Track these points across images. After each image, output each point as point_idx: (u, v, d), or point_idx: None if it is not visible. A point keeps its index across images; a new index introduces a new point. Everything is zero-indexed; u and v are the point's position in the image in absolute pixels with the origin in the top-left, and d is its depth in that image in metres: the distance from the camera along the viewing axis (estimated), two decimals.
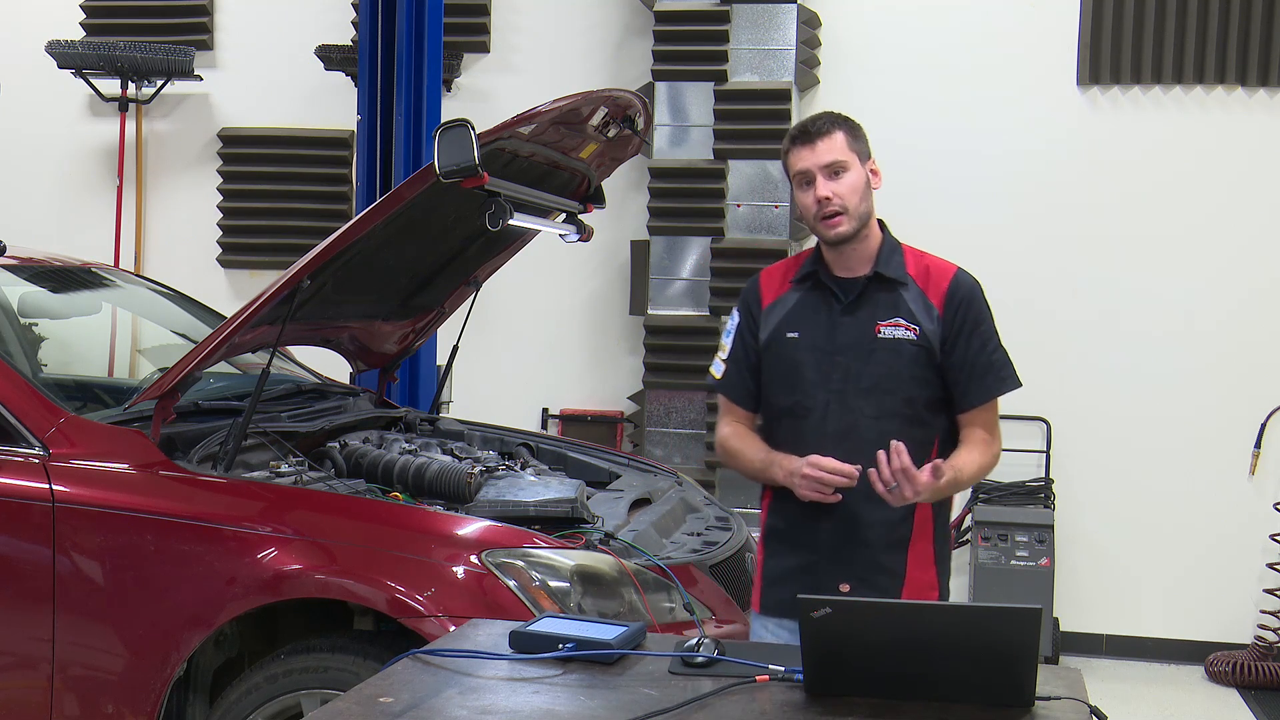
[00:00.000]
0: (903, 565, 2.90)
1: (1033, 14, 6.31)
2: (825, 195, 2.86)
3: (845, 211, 2.87)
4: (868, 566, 2.89)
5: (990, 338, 2.97)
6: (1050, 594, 5.95)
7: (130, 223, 7.08)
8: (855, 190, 2.88)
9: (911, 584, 2.90)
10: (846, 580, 2.89)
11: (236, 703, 3.25)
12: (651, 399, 6.31)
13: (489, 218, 3.48)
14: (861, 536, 2.89)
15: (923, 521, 2.92)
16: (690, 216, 6.29)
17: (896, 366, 2.90)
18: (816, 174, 2.87)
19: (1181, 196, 6.20)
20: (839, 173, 2.87)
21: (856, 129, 2.93)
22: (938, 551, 2.95)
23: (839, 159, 2.87)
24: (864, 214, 2.91)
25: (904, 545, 2.91)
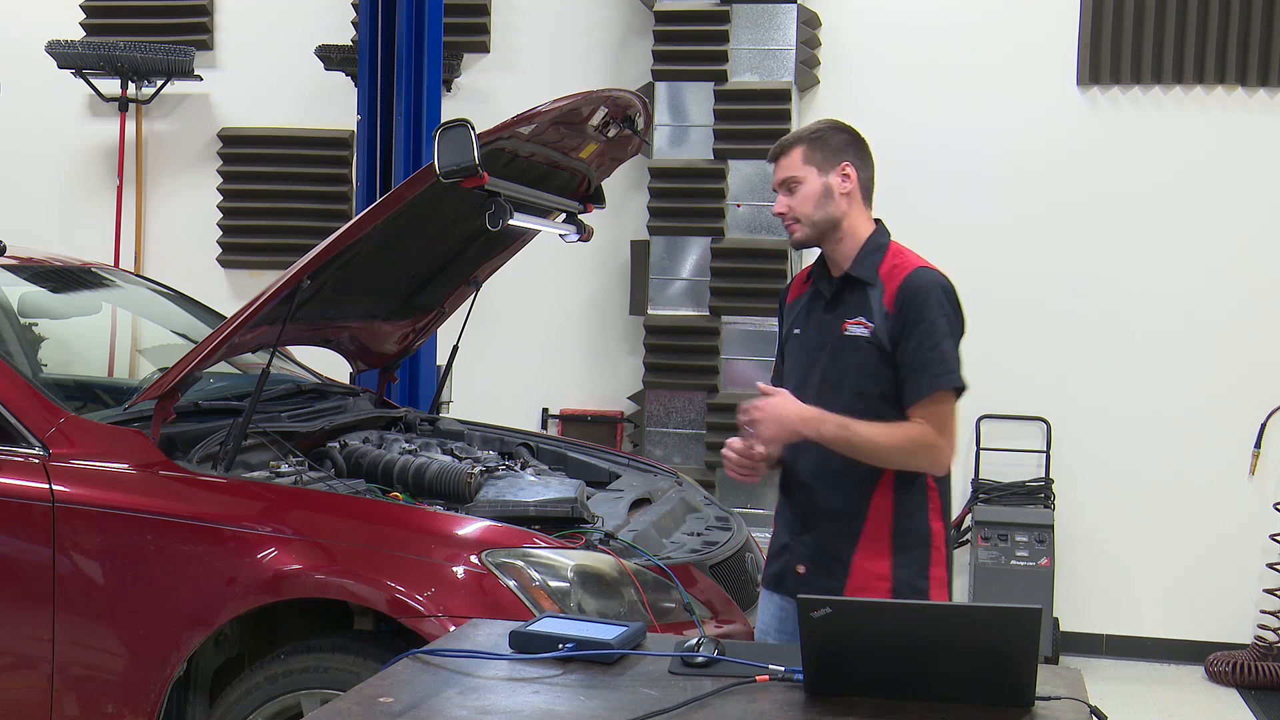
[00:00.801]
0: (850, 554, 3.00)
1: (1033, 14, 6.31)
2: (779, 211, 3.12)
3: (799, 221, 3.08)
4: (820, 551, 3.03)
5: (930, 336, 2.98)
6: (1050, 594, 5.95)
7: (130, 223, 7.08)
8: (809, 201, 3.07)
9: (858, 573, 2.99)
10: (804, 563, 3.05)
11: (236, 703, 3.25)
12: (651, 399, 6.31)
13: (489, 218, 3.48)
14: (815, 523, 3.04)
15: (879, 514, 2.99)
16: (690, 216, 6.29)
17: (853, 363, 3.03)
18: (779, 190, 3.12)
19: (1181, 196, 6.20)
20: (793, 188, 3.08)
21: (820, 140, 3.10)
22: (896, 546, 3.00)
23: (792, 175, 3.08)
24: (821, 220, 3.08)
25: (855, 535, 3.00)
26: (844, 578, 2.99)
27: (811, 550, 3.04)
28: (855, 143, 3.15)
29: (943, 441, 2.96)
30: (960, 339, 3.03)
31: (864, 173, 3.14)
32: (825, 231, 3.09)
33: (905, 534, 3.00)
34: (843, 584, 2.98)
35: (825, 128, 3.13)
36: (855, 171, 3.10)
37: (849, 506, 3.00)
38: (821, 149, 3.09)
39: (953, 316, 3.02)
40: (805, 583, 3.01)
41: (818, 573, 3.02)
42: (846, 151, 3.10)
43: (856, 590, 2.97)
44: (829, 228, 3.09)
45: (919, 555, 3.01)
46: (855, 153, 3.13)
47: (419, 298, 4.44)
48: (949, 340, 2.99)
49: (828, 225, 3.08)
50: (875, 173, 3.22)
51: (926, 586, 3.00)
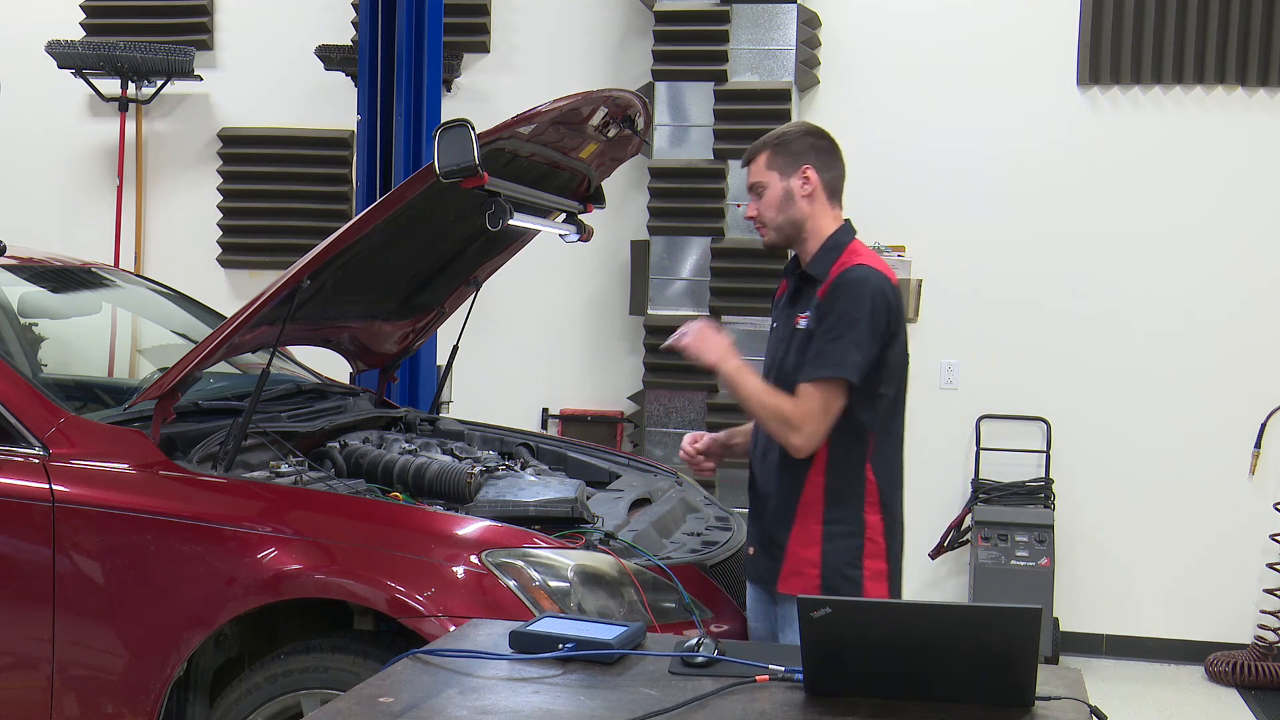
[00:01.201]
0: (785, 538, 3.17)
1: (1033, 14, 6.32)
2: (748, 216, 3.30)
3: (765, 225, 3.25)
4: (764, 535, 3.24)
5: (835, 328, 3.07)
6: (1050, 594, 5.95)
7: (130, 223, 7.08)
8: (771, 205, 3.22)
9: (791, 557, 3.16)
10: (753, 545, 3.28)
11: (236, 703, 3.24)
12: (651, 399, 6.31)
13: (489, 218, 3.47)
14: (760, 508, 3.26)
15: (810, 502, 3.14)
16: (690, 216, 6.29)
17: (794, 355, 3.17)
18: (749, 194, 3.29)
19: (1181, 196, 6.20)
20: (760, 193, 3.24)
21: (783, 145, 3.22)
22: (826, 534, 3.12)
23: (757, 180, 3.24)
24: (784, 223, 3.22)
25: (789, 521, 3.16)
26: (780, 560, 3.18)
27: (758, 533, 3.27)
28: (818, 145, 3.23)
29: (800, 424, 3.06)
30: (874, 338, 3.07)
31: (827, 174, 3.23)
32: (790, 233, 3.23)
33: (835, 522, 3.13)
34: (779, 566, 3.17)
35: (789, 132, 3.25)
36: (816, 174, 3.20)
37: (785, 492, 3.18)
38: (784, 154, 3.21)
39: (869, 311, 3.07)
40: (754, 564, 3.28)
41: (762, 555, 3.25)
42: (808, 155, 3.21)
43: (790, 574, 3.15)
44: (793, 229, 3.22)
45: (851, 545, 3.12)
46: (817, 155, 3.22)
47: (419, 298, 4.44)
48: (851, 336, 3.05)
49: (791, 227, 3.22)
50: (844, 172, 3.30)
51: (860, 576, 3.11)
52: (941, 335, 6.36)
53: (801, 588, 3.09)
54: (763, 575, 3.24)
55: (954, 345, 6.39)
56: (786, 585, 3.15)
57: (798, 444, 3.09)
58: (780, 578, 3.17)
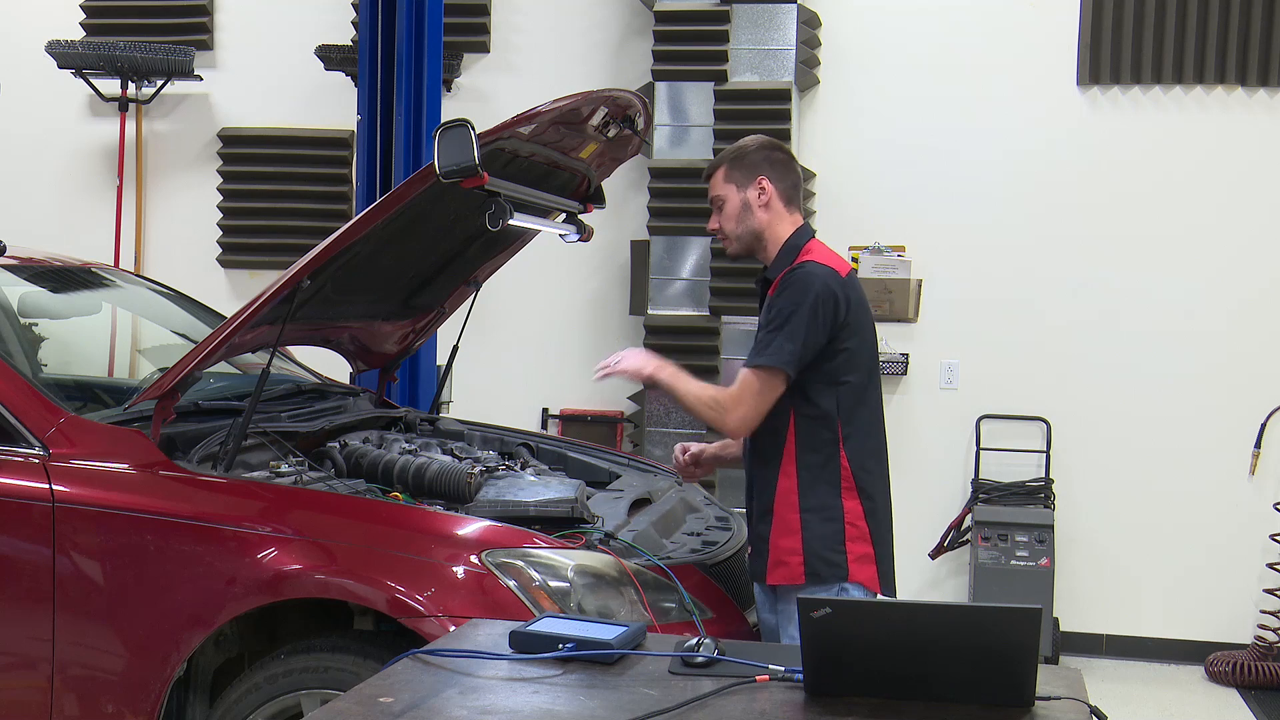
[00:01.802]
0: (768, 531, 3.28)
1: (1033, 14, 6.32)
2: (711, 228, 3.43)
3: (727, 237, 3.39)
4: (753, 533, 3.36)
5: (772, 322, 3.22)
6: (1050, 594, 5.95)
7: (130, 223, 7.08)
8: (730, 218, 3.36)
9: (775, 549, 3.27)
10: (750, 544, 3.39)
11: (236, 703, 3.24)
12: (651, 399, 6.31)
13: (489, 218, 3.47)
14: (749, 507, 3.39)
15: (785, 492, 3.25)
16: (690, 216, 6.28)
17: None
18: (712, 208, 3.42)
19: (1182, 196, 6.20)
20: (720, 207, 3.38)
21: (738, 158, 3.36)
22: (804, 522, 3.23)
23: (716, 194, 3.39)
24: (744, 234, 3.36)
25: (769, 514, 3.28)
26: (766, 555, 3.29)
27: (750, 533, 3.38)
28: (772, 157, 3.36)
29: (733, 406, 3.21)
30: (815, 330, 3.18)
31: (782, 183, 3.36)
32: (749, 242, 3.37)
33: (811, 510, 3.23)
34: (765, 561, 3.28)
35: (745, 145, 3.39)
36: (771, 184, 3.33)
37: (762, 487, 3.30)
38: (739, 167, 3.35)
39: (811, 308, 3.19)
40: (751, 562, 3.38)
41: (754, 554, 3.35)
42: (761, 166, 3.34)
43: (775, 565, 3.26)
44: (752, 239, 3.36)
45: (830, 530, 3.22)
46: (771, 166, 3.35)
47: (419, 298, 4.44)
48: (789, 325, 3.18)
49: (750, 236, 3.36)
50: (800, 180, 3.45)
51: (844, 560, 3.22)
52: (941, 335, 6.37)
53: (786, 577, 3.21)
54: (754, 572, 3.36)
55: (954, 345, 6.39)
56: (774, 576, 3.26)
57: (731, 426, 3.26)
58: (767, 570, 3.28)
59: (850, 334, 3.25)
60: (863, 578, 3.22)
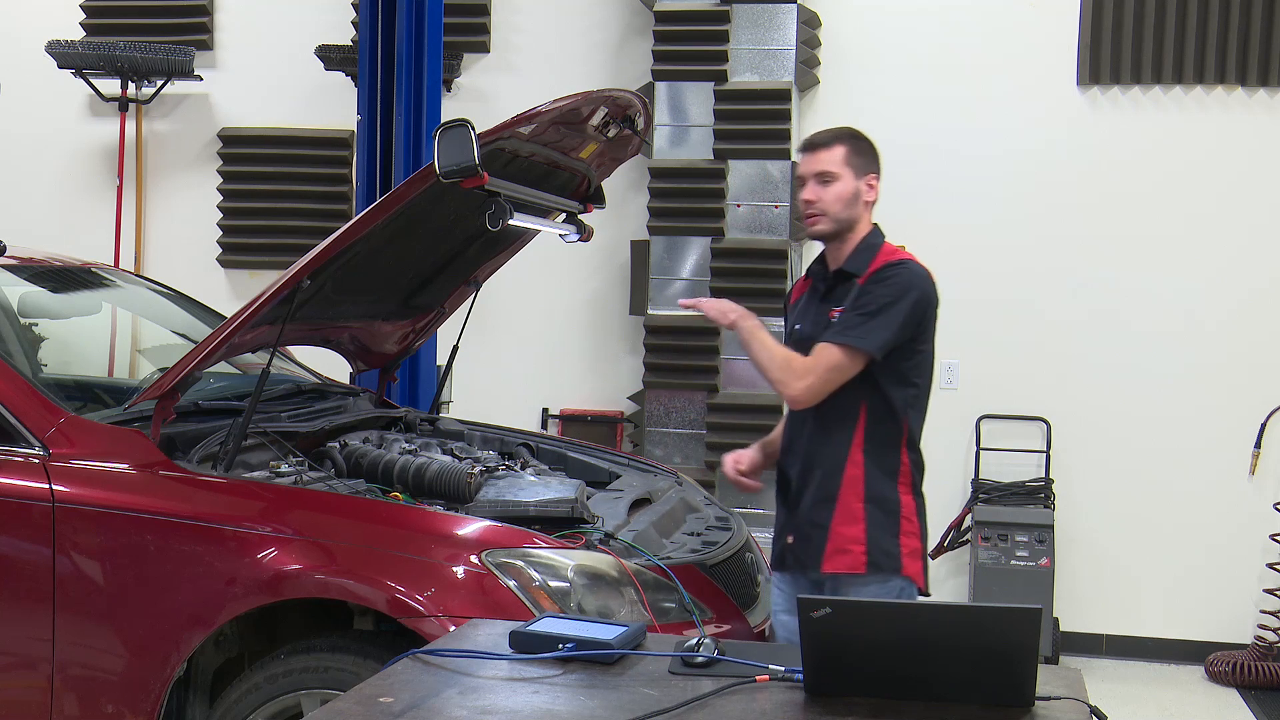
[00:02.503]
0: (828, 519, 3.25)
1: (1033, 14, 6.32)
2: (808, 199, 3.29)
3: (824, 214, 3.28)
4: (805, 521, 3.30)
5: (866, 307, 3.21)
6: (1050, 594, 5.95)
7: (130, 223, 7.08)
8: (840, 199, 3.28)
9: (835, 537, 3.24)
10: (791, 533, 3.34)
11: (236, 703, 3.25)
12: (651, 399, 6.31)
13: (489, 218, 3.48)
14: (800, 496, 3.32)
15: (851, 482, 3.25)
16: (690, 216, 6.29)
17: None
18: (808, 179, 3.29)
19: (1181, 196, 6.20)
20: (828, 181, 3.27)
21: (863, 148, 3.32)
22: (867, 511, 3.23)
23: (829, 170, 3.27)
24: (845, 219, 3.29)
25: (831, 501, 3.25)
26: (823, 543, 3.25)
27: (798, 521, 3.31)
28: (878, 158, 3.38)
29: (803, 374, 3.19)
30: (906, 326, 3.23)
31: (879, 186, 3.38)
32: (841, 231, 3.30)
33: (874, 501, 3.24)
34: (822, 549, 3.25)
35: (862, 135, 3.35)
36: (878, 184, 3.35)
37: (826, 474, 3.27)
38: (861, 155, 3.31)
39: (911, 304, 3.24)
40: (793, 551, 3.33)
41: (801, 541, 3.30)
42: (875, 164, 3.36)
43: (835, 553, 3.24)
44: (845, 228, 3.30)
45: (890, 522, 3.25)
46: (878, 167, 3.37)
47: (419, 298, 4.44)
48: (883, 316, 3.19)
49: (845, 226, 3.30)
50: None
51: (899, 552, 3.24)
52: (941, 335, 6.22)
53: (847, 565, 3.22)
54: (802, 560, 3.30)
55: (954, 345, 6.35)
56: (831, 564, 3.24)
57: (796, 391, 3.21)
58: (824, 557, 3.25)
59: (927, 340, 3.34)
60: (912, 572, 3.26)
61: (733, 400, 6.22)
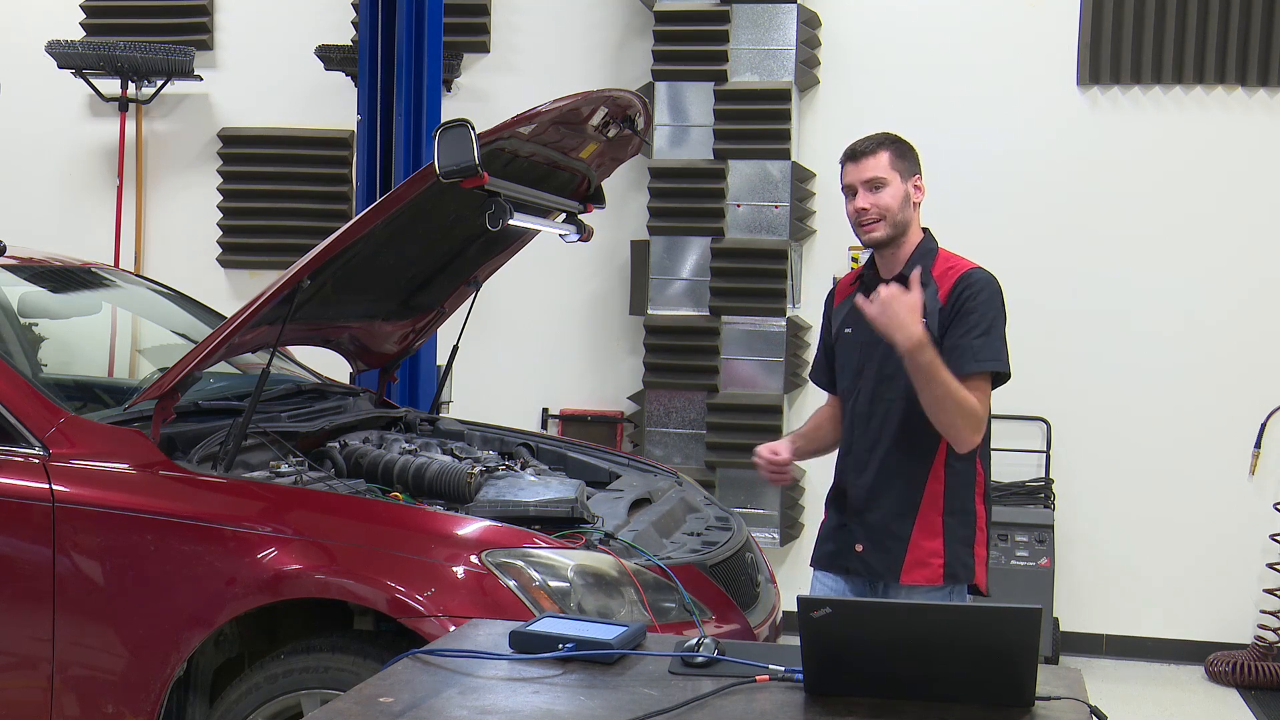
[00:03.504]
0: (909, 532, 3.24)
1: (1033, 14, 6.31)
2: (863, 206, 3.27)
3: (882, 219, 3.27)
4: (880, 531, 3.27)
5: (979, 325, 3.21)
6: (1050, 594, 5.95)
7: (130, 223, 7.08)
8: (895, 201, 3.27)
9: (915, 549, 3.23)
10: (862, 542, 3.29)
11: (236, 703, 3.25)
12: (651, 399, 6.31)
13: (489, 218, 3.48)
14: (877, 505, 3.27)
15: (932, 496, 3.24)
16: (690, 216, 6.29)
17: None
18: (859, 188, 3.28)
19: (1181, 196, 6.20)
20: (878, 187, 3.27)
21: (903, 149, 3.32)
22: (946, 525, 3.24)
23: (878, 175, 3.27)
24: (900, 222, 3.29)
25: (912, 514, 3.23)
26: (901, 554, 3.24)
27: (871, 529, 3.28)
28: (919, 159, 3.39)
29: (982, 418, 3.21)
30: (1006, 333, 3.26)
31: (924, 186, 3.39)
32: (897, 235, 3.30)
33: (954, 513, 3.25)
34: (900, 560, 3.23)
35: (903, 139, 3.34)
36: (923, 185, 3.36)
37: (906, 486, 3.24)
38: (905, 158, 3.32)
39: (1002, 310, 3.27)
40: (863, 560, 3.29)
41: (875, 550, 3.27)
42: (918, 165, 3.36)
43: (914, 565, 3.23)
44: (900, 231, 3.30)
45: (967, 534, 3.27)
46: (920, 168, 3.38)
47: (419, 298, 4.44)
48: (997, 329, 3.23)
49: (900, 229, 3.30)
50: None
51: (973, 563, 3.28)
52: None
53: (926, 578, 3.23)
54: (876, 570, 3.28)
55: None
56: (911, 577, 3.24)
57: (973, 440, 3.20)
58: (903, 569, 3.24)
59: None
60: (980, 579, 3.32)
61: (733, 400, 6.22)
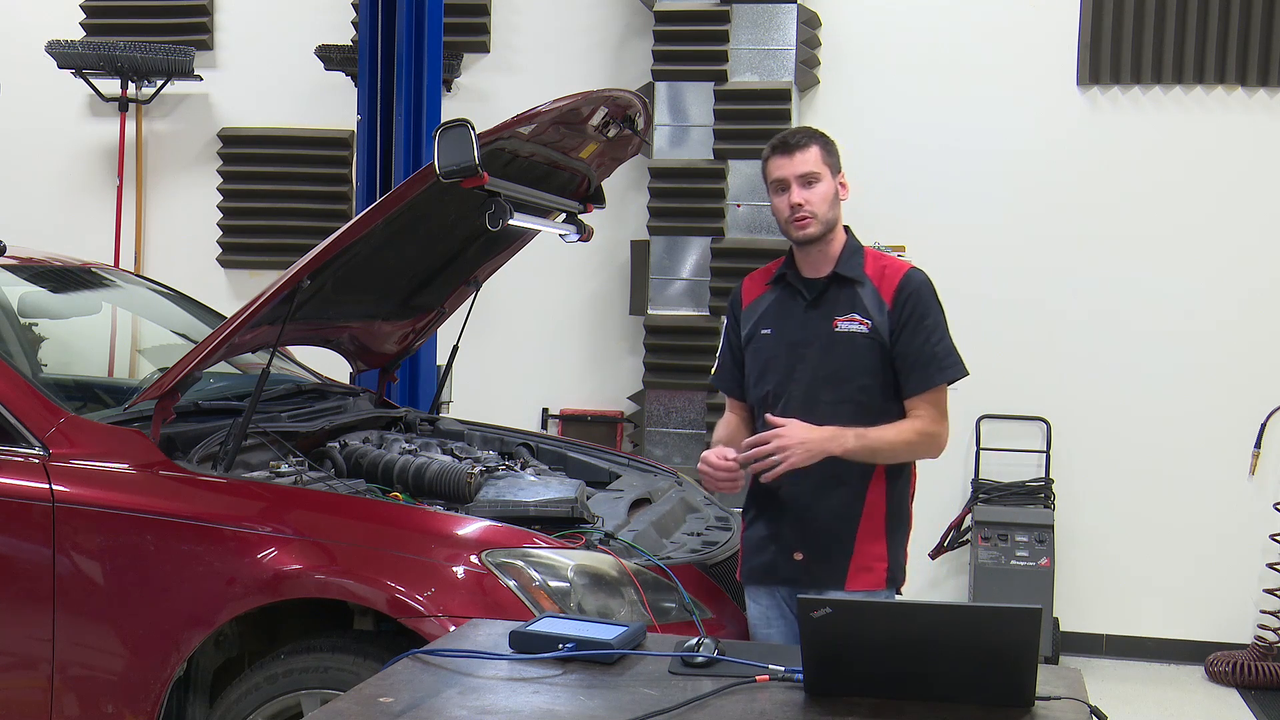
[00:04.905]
0: (852, 537, 3.22)
1: (1033, 14, 6.32)
2: (798, 201, 3.21)
3: (814, 216, 3.21)
4: (822, 536, 3.23)
5: (934, 331, 3.22)
6: (1050, 594, 5.95)
7: (130, 223, 7.08)
8: (825, 199, 3.22)
9: (860, 554, 3.22)
10: (802, 550, 3.24)
11: (236, 703, 3.25)
12: (651, 399, 6.31)
13: (489, 218, 3.47)
14: (816, 513, 3.22)
15: (875, 500, 3.22)
16: (690, 216, 6.29)
17: (851, 358, 3.21)
18: (792, 182, 3.22)
19: (1181, 196, 6.20)
20: (812, 183, 3.22)
21: (830, 145, 3.28)
22: (889, 527, 3.24)
23: (813, 170, 3.21)
24: (830, 220, 3.25)
25: (856, 519, 3.21)
26: (846, 560, 3.21)
27: (812, 536, 3.23)
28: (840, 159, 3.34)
29: (944, 431, 3.23)
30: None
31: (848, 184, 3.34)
32: (827, 231, 3.25)
33: (894, 518, 3.26)
34: (844, 566, 3.21)
35: (828, 136, 3.29)
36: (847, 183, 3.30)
37: (850, 497, 3.21)
38: (832, 154, 3.27)
39: (944, 311, 3.27)
40: (803, 567, 3.24)
41: (817, 557, 3.23)
42: (840, 162, 3.31)
43: (859, 571, 3.20)
44: (829, 228, 3.25)
45: (903, 536, 3.30)
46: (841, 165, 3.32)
47: (419, 298, 4.44)
48: (948, 335, 3.23)
49: (830, 226, 3.25)
50: None
51: (905, 564, 3.30)
52: None
53: (870, 583, 3.22)
54: (819, 578, 3.23)
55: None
56: (855, 582, 3.22)
57: (943, 448, 3.25)
58: (848, 576, 3.21)
59: None
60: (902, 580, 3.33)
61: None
